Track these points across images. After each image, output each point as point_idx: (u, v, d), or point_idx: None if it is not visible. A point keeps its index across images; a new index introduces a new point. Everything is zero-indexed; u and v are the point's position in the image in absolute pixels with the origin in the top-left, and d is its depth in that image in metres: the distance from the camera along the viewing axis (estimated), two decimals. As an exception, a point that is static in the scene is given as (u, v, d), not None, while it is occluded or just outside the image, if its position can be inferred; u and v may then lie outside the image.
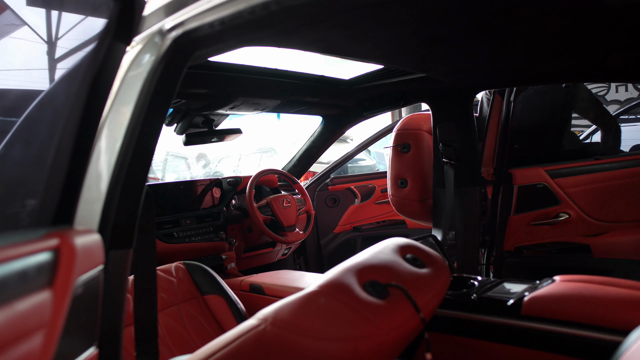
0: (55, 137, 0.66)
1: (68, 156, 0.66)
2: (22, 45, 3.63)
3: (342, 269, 0.81)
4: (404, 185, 2.04)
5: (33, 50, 3.60)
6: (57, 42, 3.58)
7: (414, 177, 2.03)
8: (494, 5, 0.94)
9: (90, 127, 0.70)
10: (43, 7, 3.20)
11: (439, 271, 0.91)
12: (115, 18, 0.66)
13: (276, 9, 0.65)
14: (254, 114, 1.90)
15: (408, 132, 2.04)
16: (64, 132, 0.66)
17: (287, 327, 0.70)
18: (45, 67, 3.63)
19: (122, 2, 0.63)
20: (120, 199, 0.80)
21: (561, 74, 1.59)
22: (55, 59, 3.53)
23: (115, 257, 0.80)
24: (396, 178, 2.05)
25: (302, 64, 1.70)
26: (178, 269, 1.52)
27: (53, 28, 3.56)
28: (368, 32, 0.94)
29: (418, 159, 2.02)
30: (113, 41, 0.68)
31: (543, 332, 0.96)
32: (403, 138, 2.03)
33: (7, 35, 3.09)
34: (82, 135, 0.68)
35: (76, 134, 0.66)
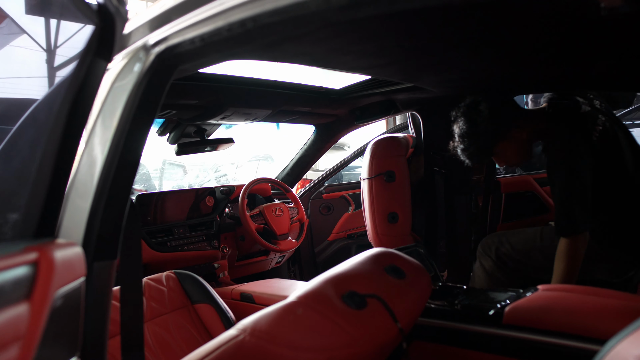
0: (37, 152, 0.68)
1: (50, 171, 0.67)
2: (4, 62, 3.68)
3: (321, 280, 0.83)
4: (395, 220, 1.84)
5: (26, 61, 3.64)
6: (52, 52, 3.62)
7: (404, 209, 1.84)
8: (476, 17, 0.96)
9: (72, 143, 0.71)
10: (31, 23, 3.24)
11: (419, 281, 0.92)
12: (97, 36, 0.68)
13: (252, 26, 0.67)
14: (245, 123, 1.92)
15: (391, 158, 1.87)
16: (47, 147, 0.68)
17: (265, 337, 0.71)
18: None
19: (102, 21, 0.65)
20: (104, 210, 0.82)
21: (548, 82, 1.61)
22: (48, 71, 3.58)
23: (100, 268, 0.81)
24: (384, 212, 1.84)
25: (294, 74, 1.73)
26: (169, 278, 1.53)
27: (47, 41, 3.61)
28: (350, 45, 0.96)
29: (405, 188, 1.86)
30: (94, 59, 0.70)
31: (523, 340, 0.97)
32: (386, 165, 1.86)
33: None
34: (64, 151, 0.70)
35: (58, 149, 0.68)
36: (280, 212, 2.29)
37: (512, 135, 1.55)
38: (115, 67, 0.88)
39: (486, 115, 1.52)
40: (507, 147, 1.57)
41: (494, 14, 0.95)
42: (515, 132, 1.55)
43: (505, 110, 1.56)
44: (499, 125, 1.53)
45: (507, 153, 1.60)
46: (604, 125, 1.48)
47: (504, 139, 1.55)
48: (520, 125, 1.55)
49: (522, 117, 1.57)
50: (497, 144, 1.56)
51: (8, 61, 3.72)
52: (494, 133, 1.53)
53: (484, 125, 1.52)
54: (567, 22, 1.00)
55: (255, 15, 0.65)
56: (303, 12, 0.59)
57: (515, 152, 1.60)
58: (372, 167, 1.90)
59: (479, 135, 1.54)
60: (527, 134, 1.56)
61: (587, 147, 1.45)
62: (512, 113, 1.57)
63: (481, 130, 1.53)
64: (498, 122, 1.53)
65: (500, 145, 1.57)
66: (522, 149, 1.59)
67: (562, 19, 0.99)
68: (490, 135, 1.54)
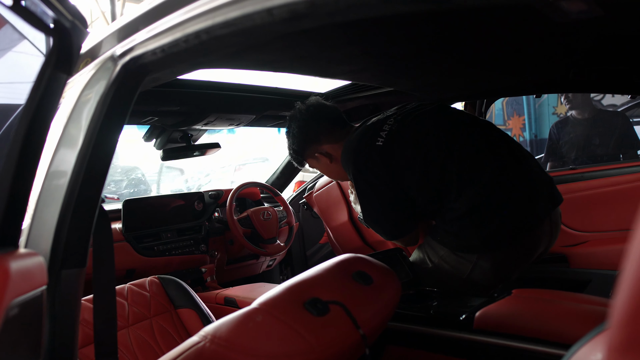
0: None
1: (9, 183, 0.68)
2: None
3: (285, 286, 0.83)
4: None
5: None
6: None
7: None
8: (439, 24, 0.97)
9: (33, 154, 0.72)
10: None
11: (387, 286, 0.93)
12: (55, 51, 0.69)
13: (206, 38, 0.68)
14: (229, 128, 1.93)
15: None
16: (7, 160, 0.69)
17: (224, 344, 0.72)
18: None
19: (58, 36, 0.66)
20: (72, 218, 0.83)
21: (528, 86, 1.62)
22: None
23: (67, 276, 0.82)
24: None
25: (279, 78, 1.74)
26: (152, 283, 1.54)
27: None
28: (316, 53, 0.97)
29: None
30: (54, 72, 0.71)
31: (493, 345, 0.98)
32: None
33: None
34: (24, 162, 0.71)
35: (17, 160, 0.69)
36: (268, 215, 2.30)
37: (319, 158, 1.52)
38: (85, 77, 0.90)
39: (294, 133, 1.50)
40: (315, 164, 1.56)
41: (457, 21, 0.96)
42: (320, 157, 1.51)
43: (311, 134, 1.49)
44: (303, 146, 1.51)
45: (318, 169, 1.59)
46: (390, 128, 1.35)
47: (311, 158, 1.53)
48: (325, 153, 1.50)
49: (331, 144, 1.49)
50: (305, 159, 1.55)
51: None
52: (299, 151, 1.52)
53: (291, 140, 1.53)
54: (532, 29, 1.01)
55: (207, 28, 0.66)
56: (250, 24, 0.60)
57: (323, 171, 1.59)
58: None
59: (290, 146, 1.55)
60: (332, 160, 1.50)
61: (369, 161, 1.34)
62: (321, 138, 1.48)
63: (290, 144, 1.54)
64: (302, 144, 1.51)
65: (309, 161, 1.56)
66: (330, 171, 1.57)
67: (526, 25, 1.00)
68: (296, 152, 1.53)
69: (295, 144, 1.52)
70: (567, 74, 1.41)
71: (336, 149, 1.49)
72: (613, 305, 0.34)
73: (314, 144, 1.50)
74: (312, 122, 1.49)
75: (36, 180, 0.85)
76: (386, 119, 1.39)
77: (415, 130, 1.35)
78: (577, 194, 2.07)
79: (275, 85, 1.74)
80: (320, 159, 1.52)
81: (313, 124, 1.49)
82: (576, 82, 1.49)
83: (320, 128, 1.49)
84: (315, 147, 1.50)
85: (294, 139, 1.51)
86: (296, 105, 1.53)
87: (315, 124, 1.49)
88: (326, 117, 1.51)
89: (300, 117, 1.50)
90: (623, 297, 0.32)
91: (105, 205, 2.73)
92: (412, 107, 1.44)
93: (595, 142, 2.73)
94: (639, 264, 0.31)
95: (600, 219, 2.01)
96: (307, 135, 1.49)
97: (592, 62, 1.34)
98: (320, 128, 1.49)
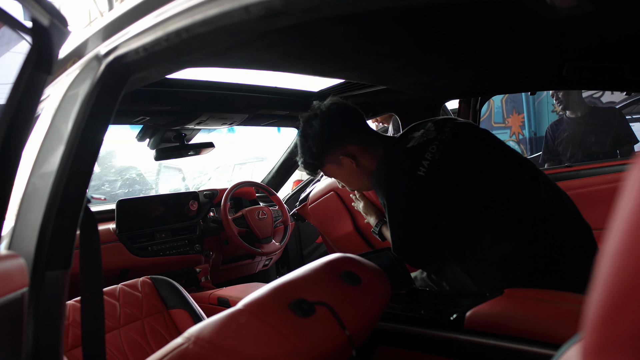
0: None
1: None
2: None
3: (271, 287, 0.83)
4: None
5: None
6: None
7: None
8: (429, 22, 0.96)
9: (12, 156, 0.72)
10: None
11: (376, 287, 0.92)
12: (34, 50, 0.68)
13: (187, 36, 0.67)
14: (222, 127, 1.92)
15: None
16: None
17: (208, 346, 0.71)
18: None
19: (38, 35, 0.66)
20: (56, 219, 0.82)
21: (521, 83, 1.61)
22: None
23: (52, 277, 0.82)
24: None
25: (272, 77, 1.73)
26: (144, 283, 1.54)
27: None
28: (304, 51, 0.96)
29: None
30: (34, 71, 0.70)
31: (483, 346, 0.97)
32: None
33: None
34: (3, 164, 0.70)
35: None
36: (264, 215, 2.29)
37: (342, 162, 1.36)
38: (70, 76, 0.89)
39: (316, 132, 1.34)
40: (336, 171, 1.41)
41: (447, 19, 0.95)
42: (344, 159, 1.35)
43: (337, 133, 1.35)
44: (325, 148, 1.35)
45: (337, 177, 1.44)
46: (432, 157, 1.25)
47: (332, 162, 1.38)
48: (350, 154, 1.35)
49: (357, 145, 1.36)
50: (324, 164, 1.40)
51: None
52: (318, 154, 1.36)
53: (311, 141, 1.36)
54: (523, 26, 1.00)
55: (187, 26, 0.65)
56: (229, 22, 0.59)
57: (344, 179, 1.43)
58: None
59: (306, 150, 1.38)
60: (356, 164, 1.36)
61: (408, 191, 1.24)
62: (347, 138, 1.35)
63: (308, 146, 1.37)
64: (325, 145, 1.35)
65: (328, 167, 1.40)
66: (352, 178, 1.41)
67: (517, 22, 0.99)
68: (315, 155, 1.37)
69: (315, 145, 1.36)
70: (560, 71, 1.40)
71: (363, 152, 1.36)
72: (587, 307, 0.33)
73: (338, 145, 1.36)
74: (337, 120, 1.35)
75: (20, 180, 0.84)
76: (427, 144, 1.28)
77: (458, 166, 1.25)
78: (572, 191, 2.05)
79: (268, 84, 1.73)
80: (344, 163, 1.37)
81: (338, 123, 1.35)
82: (569, 79, 1.48)
83: (345, 127, 1.36)
84: (339, 148, 1.36)
85: (315, 140, 1.35)
86: (315, 104, 1.39)
87: (340, 123, 1.36)
88: (351, 116, 1.38)
89: (322, 116, 1.35)
90: (597, 298, 0.32)
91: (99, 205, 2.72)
92: (453, 131, 1.31)
93: (591, 139, 2.72)
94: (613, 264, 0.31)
95: (596, 216, 1.99)
96: (332, 135, 1.35)
97: (585, 59, 1.33)
98: (346, 127, 1.36)
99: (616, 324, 0.30)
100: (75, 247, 0.85)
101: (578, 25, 1.03)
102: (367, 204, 1.61)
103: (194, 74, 1.54)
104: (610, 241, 0.31)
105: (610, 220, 0.31)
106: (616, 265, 0.30)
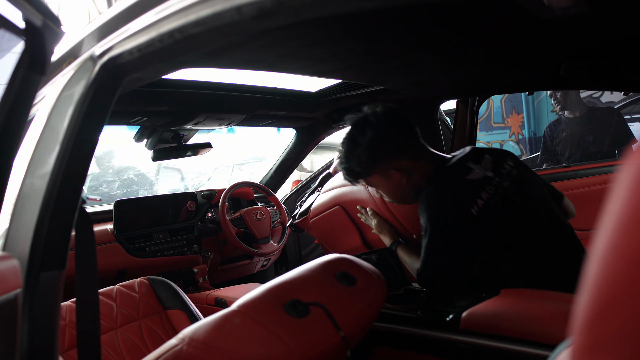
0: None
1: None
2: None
3: (266, 287, 0.82)
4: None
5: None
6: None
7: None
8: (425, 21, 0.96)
9: (6, 157, 0.72)
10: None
11: (371, 287, 0.92)
12: (28, 51, 0.68)
13: (180, 37, 0.67)
14: (220, 128, 1.92)
15: None
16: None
17: (201, 347, 0.71)
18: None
19: (30, 37, 0.65)
20: (51, 220, 0.82)
21: (519, 83, 1.61)
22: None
23: (47, 278, 0.81)
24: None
25: (270, 77, 1.73)
26: (141, 284, 1.54)
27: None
28: (299, 51, 0.96)
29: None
30: (27, 72, 0.70)
31: (479, 346, 0.97)
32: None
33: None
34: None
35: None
36: (262, 215, 2.29)
37: (391, 175, 1.29)
38: (65, 77, 0.89)
39: (369, 141, 1.26)
40: (382, 183, 1.33)
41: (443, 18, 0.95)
42: (394, 173, 1.29)
43: (392, 144, 1.27)
44: (377, 159, 1.28)
45: (380, 188, 1.36)
46: (489, 199, 1.20)
47: (380, 174, 1.30)
48: (402, 168, 1.28)
49: (410, 161, 1.29)
50: (370, 174, 1.32)
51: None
52: (368, 164, 1.29)
53: (362, 149, 1.27)
54: (520, 26, 1.00)
55: (180, 27, 0.65)
56: (221, 23, 0.59)
57: (387, 191, 1.35)
58: None
59: (354, 157, 1.29)
60: (406, 180, 1.29)
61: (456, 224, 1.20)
62: (401, 152, 1.28)
63: (357, 154, 1.28)
64: (377, 156, 1.27)
65: (375, 178, 1.32)
66: (397, 192, 1.33)
67: (514, 22, 0.99)
68: (364, 165, 1.29)
69: (366, 154, 1.27)
70: (557, 71, 1.40)
71: (414, 168, 1.29)
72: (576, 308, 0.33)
73: (391, 157, 1.28)
74: (393, 131, 1.28)
75: (15, 181, 0.84)
76: (485, 182, 1.23)
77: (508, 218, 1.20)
78: (570, 191, 2.06)
79: (265, 85, 1.73)
80: (393, 177, 1.29)
81: (394, 134, 1.28)
82: (567, 79, 1.48)
83: (401, 140, 1.28)
84: (392, 161, 1.28)
85: (367, 149, 1.26)
86: (366, 109, 1.31)
87: (396, 134, 1.28)
88: (407, 128, 1.31)
89: (377, 123, 1.26)
90: (586, 299, 0.31)
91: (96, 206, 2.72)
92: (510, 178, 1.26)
93: (589, 139, 2.72)
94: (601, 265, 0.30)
95: (594, 216, 1.99)
96: (387, 147, 1.27)
97: (582, 59, 1.33)
98: (401, 140, 1.28)
99: (605, 325, 0.30)
100: (70, 248, 0.85)
101: (575, 25, 1.03)
102: (380, 222, 1.54)
103: (191, 74, 1.54)
104: (598, 242, 0.31)
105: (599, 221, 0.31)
106: (604, 266, 0.30)
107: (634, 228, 0.27)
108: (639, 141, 2.85)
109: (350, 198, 1.68)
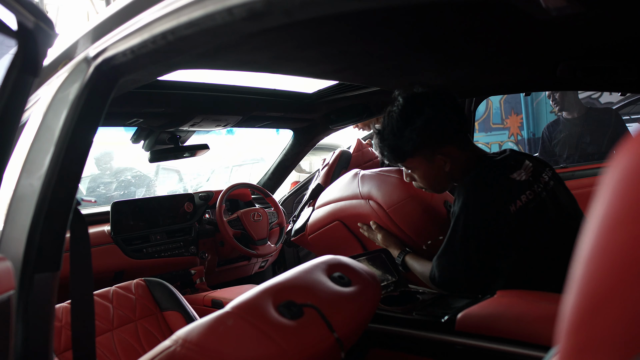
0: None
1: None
2: None
3: (260, 289, 0.82)
4: None
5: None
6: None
7: None
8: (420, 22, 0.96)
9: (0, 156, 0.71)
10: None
11: (366, 289, 0.92)
12: (21, 53, 0.68)
13: (173, 38, 0.67)
14: (217, 129, 1.92)
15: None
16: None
17: (195, 348, 0.71)
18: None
19: (23, 38, 0.65)
20: (45, 222, 0.82)
21: (516, 84, 1.61)
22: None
23: (41, 280, 0.81)
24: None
25: (267, 79, 1.73)
26: (138, 285, 1.53)
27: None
28: (294, 52, 0.96)
29: None
30: (20, 74, 0.70)
31: (475, 348, 0.97)
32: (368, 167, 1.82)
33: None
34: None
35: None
36: (259, 217, 2.29)
37: (435, 160, 1.26)
38: (60, 78, 0.89)
39: (425, 120, 1.22)
40: (423, 166, 1.29)
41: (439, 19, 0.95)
42: (440, 158, 1.26)
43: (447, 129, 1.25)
44: (428, 140, 1.24)
45: (418, 172, 1.31)
46: (527, 202, 1.18)
47: (423, 157, 1.27)
48: (448, 154, 1.26)
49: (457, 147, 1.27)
50: (414, 156, 1.28)
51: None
52: (417, 143, 1.24)
53: (413, 127, 1.23)
54: (516, 26, 1.00)
55: (173, 28, 0.65)
56: (213, 24, 0.59)
57: (425, 176, 1.31)
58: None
59: (402, 134, 1.25)
60: (449, 167, 1.27)
61: (492, 216, 1.17)
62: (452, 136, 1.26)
63: (408, 131, 1.24)
64: (429, 136, 1.24)
65: (417, 160, 1.28)
66: (435, 178, 1.30)
67: (510, 23, 0.99)
68: (412, 143, 1.24)
69: (417, 133, 1.22)
70: (554, 72, 1.40)
71: (458, 156, 1.26)
72: (563, 309, 0.33)
73: (441, 141, 1.24)
74: (451, 114, 1.25)
75: (9, 182, 0.84)
76: (526, 185, 1.20)
77: (540, 227, 1.19)
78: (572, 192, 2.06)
79: (262, 86, 1.73)
80: (437, 162, 1.26)
81: (450, 117, 1.24)
82: (564, 79, 1.48)
83: (454, 124, 1.25)
84: (440, 145, 1.25)
85: (421, 128, 1.22)
86: (417, 89, 1.26)
87: (451, 118, 1.25)
88: (461, 112, 1.27)
89: (434, 102, 1.23)
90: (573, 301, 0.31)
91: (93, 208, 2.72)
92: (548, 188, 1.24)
93: (587, 140, 2.72)
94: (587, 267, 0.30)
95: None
96: (440, 128, 1.23)
97: (579, 60, 1.33)
98: (454, 125, 1.25)
99: (592, 327, 0.30)
100: (65, 250, 0.84)
101: (571, 26, 1.03)
102: (385, 235, 1.51)
103: (187, 75, 1.54)
104: (585, 243, 0.31)
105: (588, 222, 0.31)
106: (591, 267, 0.30)
107: (621, 228, 0.27)
108: (624, 141, 2.85)
109: (350, 212, 1.63)
